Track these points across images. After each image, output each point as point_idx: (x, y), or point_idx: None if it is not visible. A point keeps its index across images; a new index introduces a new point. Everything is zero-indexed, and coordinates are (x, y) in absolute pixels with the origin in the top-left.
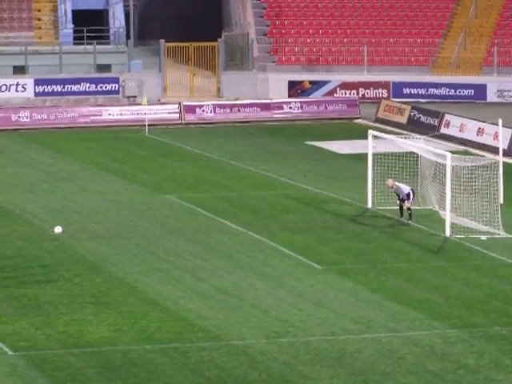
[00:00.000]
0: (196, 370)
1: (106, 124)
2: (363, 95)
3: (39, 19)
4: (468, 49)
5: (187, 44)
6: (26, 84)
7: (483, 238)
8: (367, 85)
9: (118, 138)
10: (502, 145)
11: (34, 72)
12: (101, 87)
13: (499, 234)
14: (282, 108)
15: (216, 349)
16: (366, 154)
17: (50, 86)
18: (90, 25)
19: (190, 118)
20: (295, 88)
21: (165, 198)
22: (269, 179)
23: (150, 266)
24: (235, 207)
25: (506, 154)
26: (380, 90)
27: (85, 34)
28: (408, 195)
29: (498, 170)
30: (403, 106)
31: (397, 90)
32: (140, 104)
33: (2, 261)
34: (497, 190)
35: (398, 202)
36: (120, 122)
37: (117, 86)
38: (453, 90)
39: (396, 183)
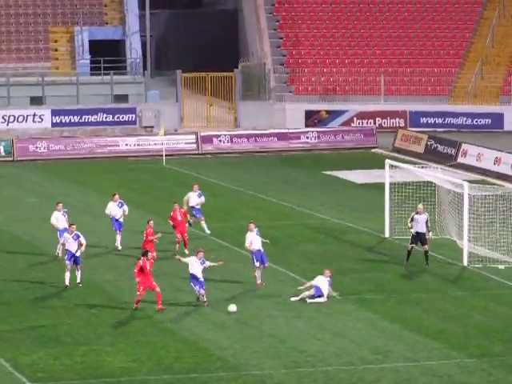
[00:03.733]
0: None
1: (123, 154)
2: (380, 125)
3: (56, 50)
4: (485, 78)
5: (204, 74)
6: (43, 115)
7: (501, 267)
8: (384, 114)
9: (135, 168)
10: None
11: (51, 102)
12: (118, 118)
13: None
14: (299, 138)
15: (234, 379)
16: (383, 184)
17: (67, 117)
18: (107, 55)
19: (207, 147)
20: (312, 118)
21: None
22: (286, 209)
23: (168, 297)
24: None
25: None
26: (397, 120)
27: (102, 65)
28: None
29: None
30: (420, 135)
31: (414, 119)
32: (157, 134)
33: (20, 292)
34: None
35: (410, 245)
36: (137, 153)
37: (134, 116)
38: (470, 119)
39: (427, 214)
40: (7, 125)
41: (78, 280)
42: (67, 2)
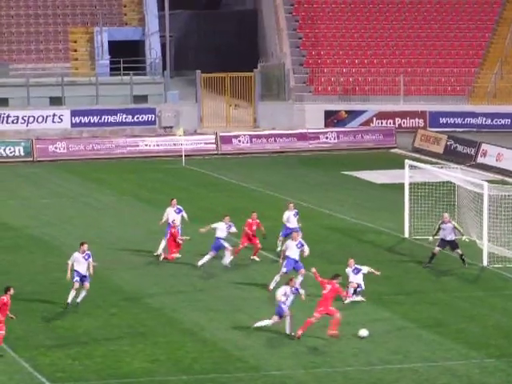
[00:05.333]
0: None
1: (143, 155)
2: (399, 125)
3: (75, 50)
4: (504, 78)
5: (223, 75)
6: (62, 115)
7: None
8: (403, 114)
9: (154, 168)
10: None
11: (71, 103)
12: (137, 118)
13: None
14: (318, 138)
15: (253, 379)
16: (403, 184)
17: (86, 117)
18: (127, 56)
19: (226, 148)
20: (331, 118)
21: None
22: (306, 209)
23: (187, 297)
24: (272, 237)
25: None
26: (416, 120)
27: (121, 65)
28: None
29: None
30: (440, 135)
31: (433, 119)
32: (176, 135)
33: (39, 292)
34: None
35: (437, 248)
36: (156, 153)
37: (153, 116)
38: (489, 120)
39: (453, 222)
40: (27, 125)
41: (79, 299)
42: (86, 3)
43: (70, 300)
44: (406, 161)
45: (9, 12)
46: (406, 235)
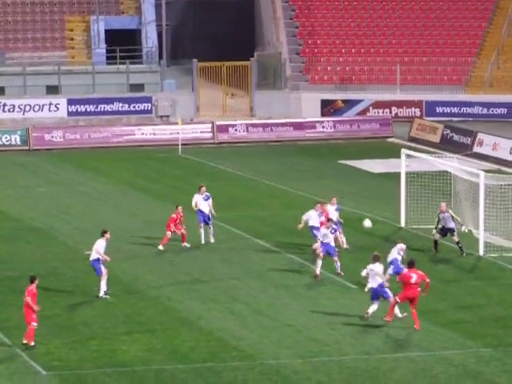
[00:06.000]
0: None
1: (139, 144)
2: (396, 114)
3: (72, 39)
4: (501, 67)
5: (220, 63)
6: (58, 104)
7: None
8: (400, 104)
9: (150, 157)
10: None
11: (67, 92)
12: (134, 107)
13: None
14: (314, 127)
15: (250, 368)
16: (399, 173)
17: (82, 106)
18: (123, 44)
19: (222, 137)
20: (328, 107)
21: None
22: (302, 198)
23: (184, 286)
24: (269, 226)
25: None
26: (413, 109)
27: (118, 54)
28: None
29: None
30: (436, 124)
31: (430, 108)
32: (174, 123)
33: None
34: None
35: (438, 235)
36: (153, 142)
37: (150, 105)
38: (486, 109)
39: (450, 211)
40: (23, 114)
41: (101, 293)
42: None
43: (102, 293)
44: (403, 150)
45: (5, 0)
46: (403, 224)
